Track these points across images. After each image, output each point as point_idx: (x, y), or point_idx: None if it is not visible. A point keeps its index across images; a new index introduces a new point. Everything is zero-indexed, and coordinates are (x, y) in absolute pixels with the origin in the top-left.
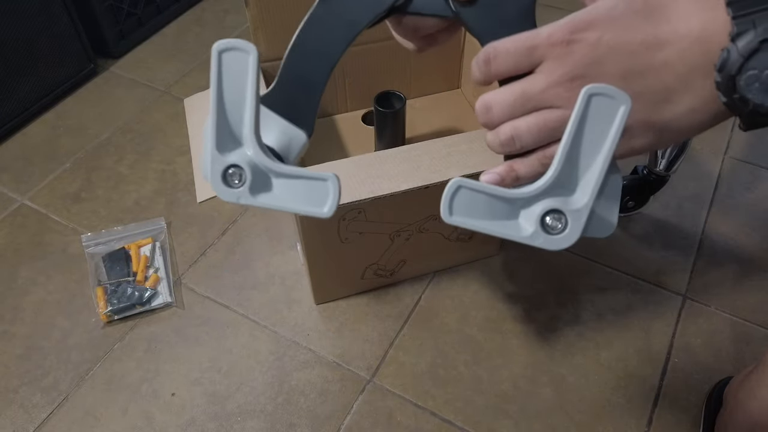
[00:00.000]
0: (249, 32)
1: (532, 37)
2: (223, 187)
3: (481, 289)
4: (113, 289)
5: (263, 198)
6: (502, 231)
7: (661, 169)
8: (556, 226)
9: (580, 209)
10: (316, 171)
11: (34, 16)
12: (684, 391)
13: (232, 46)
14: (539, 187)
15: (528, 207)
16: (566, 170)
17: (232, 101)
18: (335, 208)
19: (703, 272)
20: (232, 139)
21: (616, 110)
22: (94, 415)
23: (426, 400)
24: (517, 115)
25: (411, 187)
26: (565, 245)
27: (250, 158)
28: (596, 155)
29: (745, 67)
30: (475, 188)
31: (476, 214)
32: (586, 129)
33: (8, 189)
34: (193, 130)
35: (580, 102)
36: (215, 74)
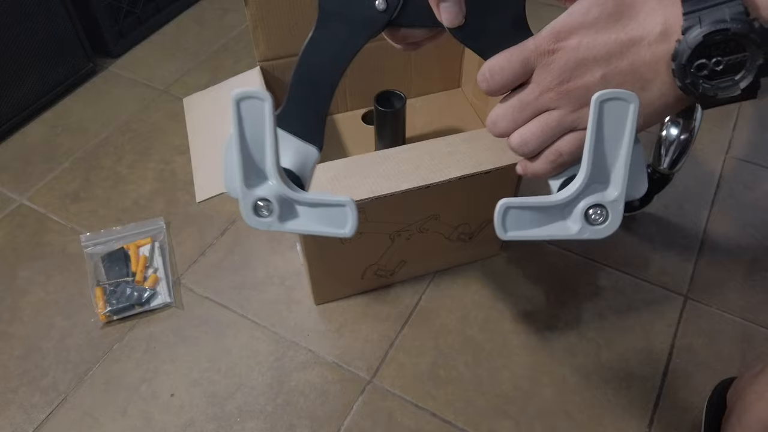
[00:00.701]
0: (248, 31)
1: (520, 50)
2: (255, 218)
3: (481, 289)
4: (112, 290)
5: (291, 224)
6: (553, 234)
7: (665, 167)
8: (598, 219)
9: (616, 199)
10: (334, 195)
11: (32, 16)
12: (685, 391)
13: (249, 95)
14: (576, 190)
15: (570, 208)
16: (596, 170)
17: (254, 142)
18: (356, 228)
19: (705, 272)
20: (257, 175)
21: (627, 109)
22: (93, 416)
23: (426, 400)
24: (520, 122)
25: (411, 186)
26: (611, 232)
27: (276, 191)
28: (618, 150)
29: (693, 57)
30: (521, 205)
31: (527, 225)
32: (604, 131)
33: (7, 189)
34: (192, 129)
35: (593, 109)
36: (236, 120)
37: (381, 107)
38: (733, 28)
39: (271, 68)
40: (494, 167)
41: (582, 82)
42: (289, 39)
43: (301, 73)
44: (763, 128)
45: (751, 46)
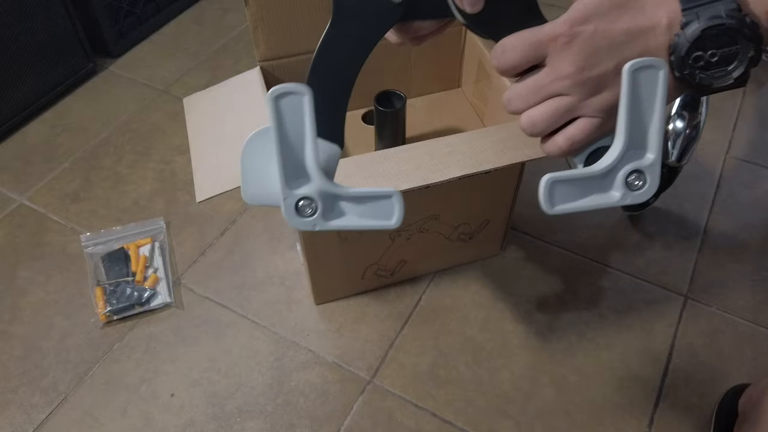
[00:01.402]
0: (248, 31)
1: (535, 33)
2: (297, 218)
3: (481, 289)
4: (112, 289)
5: (335, 221)
6: (597, 203)
7: (674, 160)
8: (637, 184)
9: (653, 163)
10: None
11: (32, 16)
12: (685, 391)
13: (288, 90)
14: (615, 159)
15: (611, 177)
16: (631, 137)
17: (293, 140)
18: (402, 219)
19: (705, 272)
20: (297, 174)
21: (657, 75)
22: (93, 416)
23: (426, 400)
24: (533, 103)
25: (411, 186)
26: (650, 195)
27: (319, 188)
28: (652, 115)
29: (691, 50)
30: (565, 178)
31: (571, 198)
32: (637, 98)
33: (7, 189)
34: (192, 129)
35: (625, 79)
36: (275, 119)
37: (381, 107)
38: (728, 23)
39: (271, 68)
40: (494, 167)
41: (597, 72)
42: (289, 39)
43: (319, 72)
44: (763, 128)
45: (743, 39)
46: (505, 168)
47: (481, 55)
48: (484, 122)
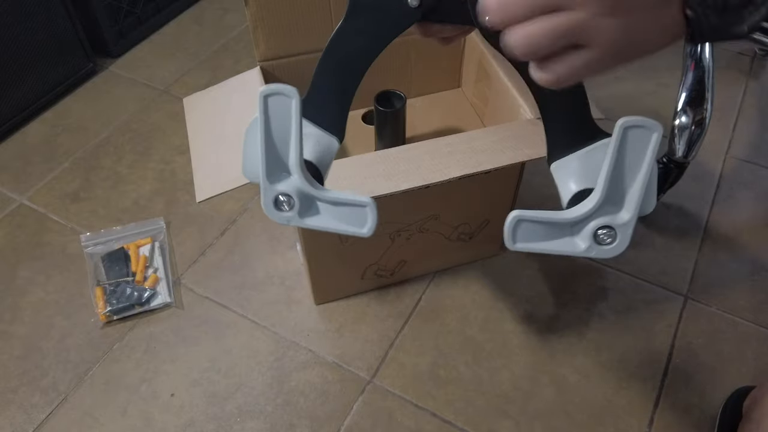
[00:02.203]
0: (248, 31)
1: None
2: (275, 211)
3: (481, 289)
4: (112, 289)
5: (310, 220)
6: (561, 249)
7: (680, 155)
8: (606, 239)
9: (626, 222)
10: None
11: (33, 16)
12: (685, 391)
13: (277, 91)
14: (589, 210)
15: (580, 226)
16: (611, 192)
17: (278, 138)
18: (374, 228)
19: (705, 272)
20: (280, 169)
21: (649, 137)
22: (93, 416)
23: (426, 400)
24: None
25: (411, 186)
26: (617, 253)
27: (298, 187)
28: (636, 175)
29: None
30: (532, 218)
31: (536, 238)
32: (624, 156)
33: (7, 189)
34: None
35: (616, 135)
36: (262, 116)
37: (381, 107)
38: None
39: (271, 68)
40: (494, 167)
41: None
42: (289, 39)
43: (328, 63)
44: (763, 128)
45: None
46: (505, 168)
47: (481, 55)
48: (484, 122)
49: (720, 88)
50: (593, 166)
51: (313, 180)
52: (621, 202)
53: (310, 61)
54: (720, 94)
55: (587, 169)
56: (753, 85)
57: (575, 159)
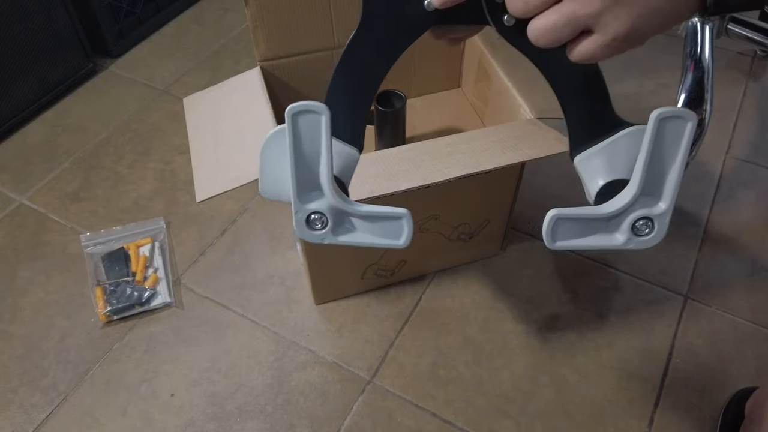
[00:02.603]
0: (248, 31)
1: None
2: (308, 231)
3: (481, 289)
4: (112, 289)
5: (344, 237)
6: (600, 244)
7: None
8: (644, 230)
9: (664, 212)
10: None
11: (33, 16)
12: (685, 391)
13: (306, 109)
14: (626, 204)
15: (619, 219)
16: (647, 184)
17: (309, 156)
18: (411, 239)
19: (705, 272)
20: (311, 188)
21: (684, 127)
22: (93, 416)
23: (426, 400)
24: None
25: (411, 186)
26: (655, 243)
27: (330, 204)
28: (672, 165)
29: None
30: (571, 216)
31: (574, 235)
32: (660, 147)
33: (7, 189)
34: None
35: (651, 127)
36: (291, 135)
37: (381, 107)
38: None
39: (271, 68)
40: (494, 167)
41: None
42: (289, 39)
43: (344, 74)
44: (763, 128)
45: None
46: (505, 168)
47: (481, 55)
48: (484, 122)
49: (720, 88)
50: (618, 157)
51: (344, 195)
52: (657, 193)
53: (310, 61)
54: (720, 94)
55: (612, 160)
56: (753, 85)
57: (599, 151)
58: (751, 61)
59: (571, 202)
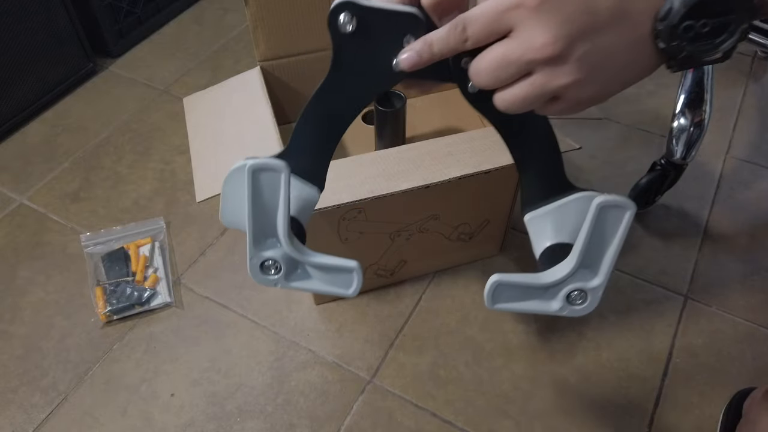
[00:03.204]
0: (248, 31)
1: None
2: (261, 276)
3: (481, 289)
4: (112, 289)
5: (296, 283)
6: (536, 309)
7: (678, 157)
8: (578, 301)
9: (597, 287)
10: (340, 259)
11: (33, 16)
12: (685, 391)
13: (265, 167)
14: (563, 276)
15: (555, 290)
16: (584, 260)
17: (266, 208)
18: (360, 289)
19: (705, 272)
20: (266, 237)
21: (622, 215)
22: (93, 416)
23: (426, 400)
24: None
25: (411, 186)
26: (587, 312)
27: (285, 253)
28: (608, 247)
29: (685, 18)
30: (510, 282)
31: (513, 300)
32: (598, 230)
33: (7, 188)
34: (192, 129)
35: (592, 214)
36: (250, 189)
37: (381, 107)
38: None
39: (271, 68)
40: (494, 167)
41: (569, 45)
42: (289, 39)
43: (311, 116)
44: (763, 128)
45: (740, 9)
46: (505, 168)
47: None
48: (484, 122)
49: (720, 88)
50: (565, 221)
51: (299, 244)
52: (594, 267)
53: (310, 61)
54: (720, 94)
55: (560, 223)
56: (753, 85)
57: (548, 212)
58: (751, 62)
59: None
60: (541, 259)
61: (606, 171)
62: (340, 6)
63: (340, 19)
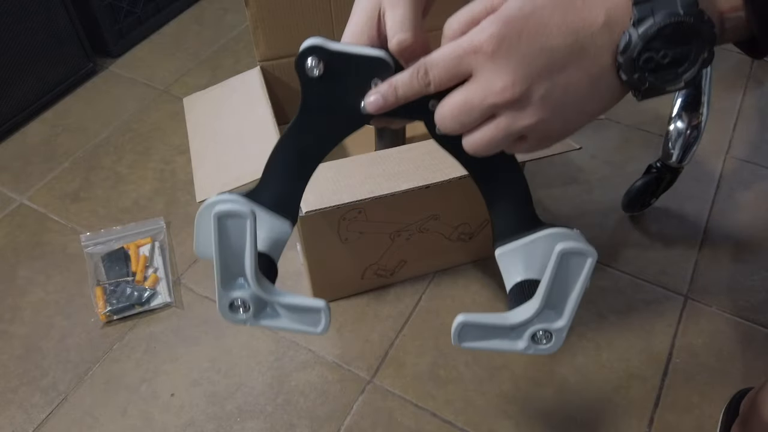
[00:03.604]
0: (248, 31)
1: (456, 46)
2: (231, 314)
3: (482, 289)
4: (112, 289)
5: (265, 321)
6: (502, 348)
7: (674, 161)
8: (543, 341)
9: (562, 328)
10: (308, 298)
11: (33, 16)
12: (685, 391)
13: (231, 213)
14: (528, 318)
15: (520, 330)
16: (549, 303)
17: (234, 251)
18: (328, 328)
19: (705, 272)
20: (235, 277)
21: (585, 261)
22: (93, 416)
23: (426, 400)
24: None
25: (411, 186)
26: (552, 352)
27: (253, 293)
28: (572, 291)
29: (643, 51)
30: (476, 323)
31: (479, 339)
32: (561, 275)
33: (7, 188)
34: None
35: (554, 260)
36: (216, 233)
37: None
38: (686, 21)
39: (271, 68)
40: None
41: (527, 87)
42: (289, 39)
43: (283, 153)
44: (763, 128)
45: (699, 40)
46: None
47: None
48: None
49: (720, 89)
50: (534, 258)
51: (267, 284)
52: (559, 310)
53: None
54: (720, 95)
55: (529, 259)
56: (753, 86)
57: (518, 249)
58: (751, 63)
59: (570, 202)
60: (510, 295)
61: (606, 171)
62: (307, 50)
63: (307, 63)
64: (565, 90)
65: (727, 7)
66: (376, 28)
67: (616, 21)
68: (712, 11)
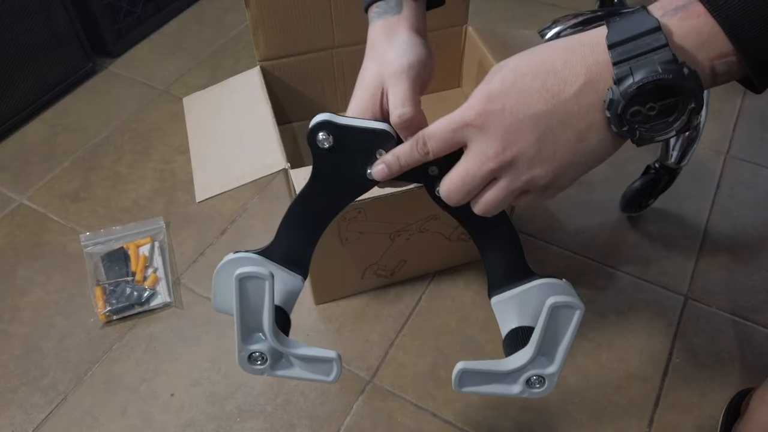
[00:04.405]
0: (248, 31)
1: (449, 121)
2: (249, 366)
3: (482, 289)
4: (112, 289)
5: (282, 371)
6: (498, 392)
7: (673, 162)
8: (536, 385)
9: (553, 373)
10: (321, 350)
11: (33, 16)
12: (685, 391)
13: (252, 275)
14: (522, 365)
15: (515, 375)
16: (541, 350)
17: (252, 309)
18: (339, 376)
19: (705, 272)
20: (254, 332)
21: (573, 313)
22: (92, 416)
23: (426, 400)
24: (475, 192)
25: (411, 186)
26: (545, 394)
27: (270, 347)
28: (562, 340)
29: (628, 107)
30: (474, 369)
31: (478, 384)
32: (553, 324)
33: (7, 188)
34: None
35: (545, 313)
36: (237, 293)
37: None
38: (665, 78)
39: (271, 68)
40: None
41: (517, 149)
42: (289, 39)
43: (294, 216)
44: (763, 128)
45: (682, 92)
46: None
47: (482, 55)
48: None
49: (720, 88)
50: (528, 306)
51: (283, 337)
52: (550, 357)
53: (310, 61)
54: (720, 94)
55: (522, 308)
56: None
57: (511, 298)
58: None
59: (570, 201)
60: (506, 341)
61: (606, 171)
62: (318, 125)
63: (318, 137)
64: (554, 148)
65: (715, 54)
66: (379, 104)
67: (599, 79)
68: (698, 61)
